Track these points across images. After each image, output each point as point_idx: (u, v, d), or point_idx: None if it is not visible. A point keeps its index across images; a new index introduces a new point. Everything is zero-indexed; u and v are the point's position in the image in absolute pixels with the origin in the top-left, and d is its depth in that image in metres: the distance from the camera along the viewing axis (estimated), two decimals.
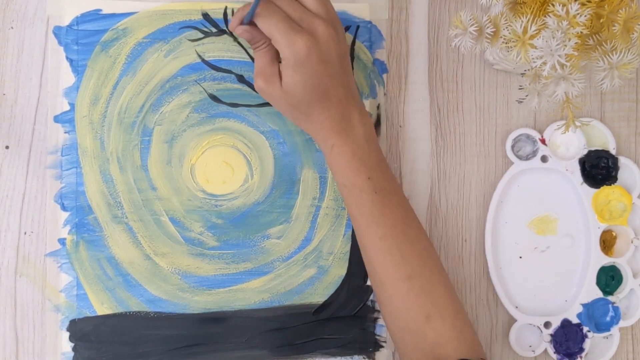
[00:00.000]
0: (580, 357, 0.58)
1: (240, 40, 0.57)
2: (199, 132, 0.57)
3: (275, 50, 0.50)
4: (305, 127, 0.53)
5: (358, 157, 0.51)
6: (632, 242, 0.59)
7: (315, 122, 0.51)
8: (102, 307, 0.55)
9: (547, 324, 0.58)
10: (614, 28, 0.45)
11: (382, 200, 0.51)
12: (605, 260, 0.58)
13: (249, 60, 0.58)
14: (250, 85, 0.57)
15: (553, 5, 0.45)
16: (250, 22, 0.50)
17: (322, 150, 0.52)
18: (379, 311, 0.57)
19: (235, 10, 0.57)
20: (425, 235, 0.53)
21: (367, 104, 0.58)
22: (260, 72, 0.51)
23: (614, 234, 0.60)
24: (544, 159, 0.59)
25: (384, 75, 0.59)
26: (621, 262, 0.59)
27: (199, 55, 0.57)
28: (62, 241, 0.56)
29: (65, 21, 0.56)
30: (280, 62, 0.50)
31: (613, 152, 0.59)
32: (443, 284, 0.51)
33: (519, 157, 0.59)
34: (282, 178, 0.57)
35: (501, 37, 0.48)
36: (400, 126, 0.59)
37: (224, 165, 0.57)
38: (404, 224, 0.51)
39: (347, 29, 0.58)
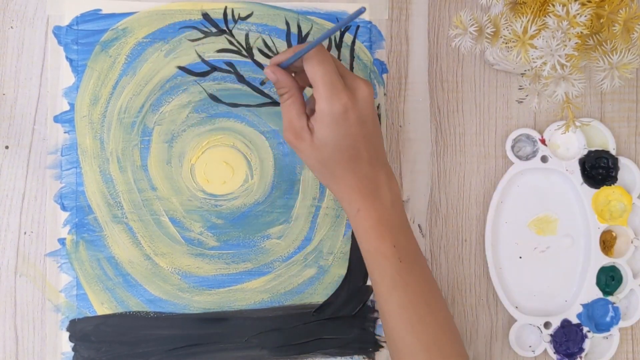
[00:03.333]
0: (580, 357, 0.58)
1: (240, 39, 0.57)
2: (199, 132, 0.57)
3: (301, 102, 0.49)
4: (330, 186, 0.51)
5: (384, 223, 0.49)
6: (632, 242, 0.59)
7: (342, 183, 0.50)
8: (102, 307, 0.55)
9: (547, 324, 0.58)
10: (614, 28, 0.45)
11: (407, 269, 0.49)
12: (605, 261, 0.58)
13: (249, 60, 0.57)
14: (251, 86, 0.57)
15: (553, 5, 0.45)
16: (288, 66, 0.49)
17: (347, 213, 0.51)
18: (378, 311, 0.57)
19: (234, 11, 0.57)
20: (446, 305, 0.51)
21: None
22: (289, 126, 0.49)
23: (614, 234, 0.60)
24: (544, 159, 0.59)
25: (384, 75, 0.59)
26: (621, 263, 0.59)
27: (199, 55, 0.57)
28: (62, 241, 0.56)
29: (65, 21, 0.56)
30: (307, 114, 0.49)
31: (613, 152, 0.59)
32: (460, 355, 0.50)
33: (519, 157, 0.59)
34: (282, 178, 0.57)
35: (501, 37, 0.48)
36: (400, 126, 0.59)
37: (224, 165, 0.57)
38: (426, 294, 0.50)
39: (347, 29, 0.58)
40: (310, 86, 0.49)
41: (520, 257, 0.59)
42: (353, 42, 0.58)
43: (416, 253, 0.51)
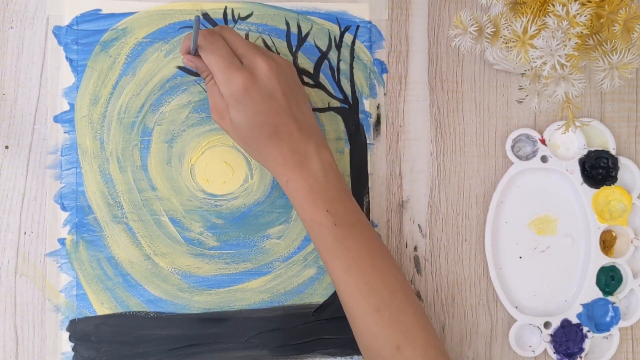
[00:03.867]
0: (580, 358, 0.58)
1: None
2: (199, 132, 0.57)
3: None
4: (260, 162, 0.52)
5: (315, 191, 0.50)
6: (632, 242, 0.59)
7: (268, 157, 0.50)
8: (102, 307, 0.55)
9: (547, 324, 0.58)
10: (614, 28, 0.45)
11: (344, 233, 0.49)
12: (605, 261, 0.58)
13: None
14: None
15: (553, 5, 0.45)
16: (196, 52, 0.50)
17: (280, 185, 0.51)
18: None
19: (234, 11, 0.57)
20: (394, 263, 0.51)
21: (367, 103, 0.58)
22: (213, 106, 0.51)
23: (614, 234, 0.60)
24: (544, 159, 0.59)
25: (384, 75, 0.59)
26: (621, 263, 0.59)
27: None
28: (61, 241, 0.56)
29: (65, 21, 0.56)
30: None
31: (613, 152, 0.59)
32: (413, 313, 0.50)
33: (519, 157, 0.59)
34: None
35: (501, 37, 0.48)
36: (400, 126, 0.59)
37: (224, 165, 0.57)
38: (369, 255, 0.50)
39: (347, 29, 0.58)
40: None
41: (520, 257, 0.59)
42: (353, 42, 0.58)
43: (355, 217, 0.51)
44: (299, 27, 0.58)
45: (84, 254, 0.56)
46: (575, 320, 0.58)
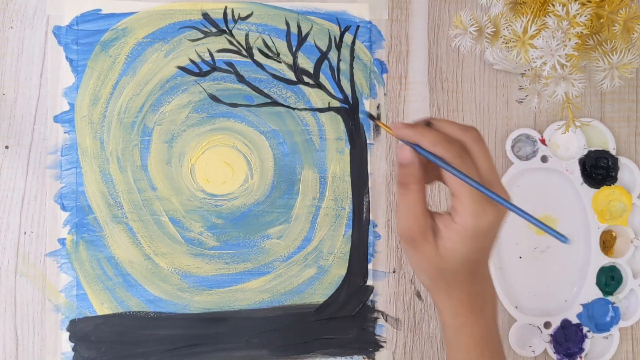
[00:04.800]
0: (580, 357, 0.58)
1: (240, 39, 0.57)
2: (199, 132, 0.57)
3: (424, 197, 0.42)
4: (437, 295, 0.45)
5: (485, 341, 0.45)
6: (632, 242, 0.59)
7: (453, 295, 0.45)
8: (102, 307, 0.55)
9: (547, 324, 0.58)
10: (614, 28, 0.45)
11: None
12: (605, 261, 0.58)
13: (249, 60, 0.57)
14: (251, 86, 0.57)
15: (553, 5, 0.45)
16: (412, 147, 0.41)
17: (446, 325, 0.46)
18: (379, 311, 0.57)
19: (234, 11, 0.57)
20: None
21: (367, 103, 0.58)
22: (413, 222, 0.42)
23: (613, 234, 0.60)
24: (544, 159, 0.59)
25: (384, 75, 0.59)
26: (621, 262, 0.59)
27: (199, 55, 0.57)
28: (62, 241, 0.56)
29: (65, 21, 0.56)
30: (430, 214, 0.42)
31: (613, 152, 0.59)
32: None
33: (519, 158, 0.59)
34: (282, 178, 0.57)
35: (501, 37, 0.48)
36: None
37: (224, 165, 0.57)
38: None
39: (347, 29, 0.58)
40: (434, 181, 0.44)
41: (520, 257, 0.59)
42: (353, 42, 0.58)
43: None
44: (299, 27, 0.58)
45: (84, 254, 0.56)
46: (575, 320, 0.58)
